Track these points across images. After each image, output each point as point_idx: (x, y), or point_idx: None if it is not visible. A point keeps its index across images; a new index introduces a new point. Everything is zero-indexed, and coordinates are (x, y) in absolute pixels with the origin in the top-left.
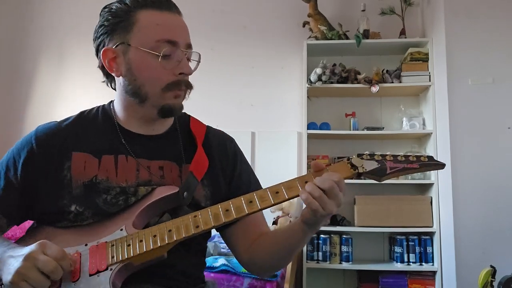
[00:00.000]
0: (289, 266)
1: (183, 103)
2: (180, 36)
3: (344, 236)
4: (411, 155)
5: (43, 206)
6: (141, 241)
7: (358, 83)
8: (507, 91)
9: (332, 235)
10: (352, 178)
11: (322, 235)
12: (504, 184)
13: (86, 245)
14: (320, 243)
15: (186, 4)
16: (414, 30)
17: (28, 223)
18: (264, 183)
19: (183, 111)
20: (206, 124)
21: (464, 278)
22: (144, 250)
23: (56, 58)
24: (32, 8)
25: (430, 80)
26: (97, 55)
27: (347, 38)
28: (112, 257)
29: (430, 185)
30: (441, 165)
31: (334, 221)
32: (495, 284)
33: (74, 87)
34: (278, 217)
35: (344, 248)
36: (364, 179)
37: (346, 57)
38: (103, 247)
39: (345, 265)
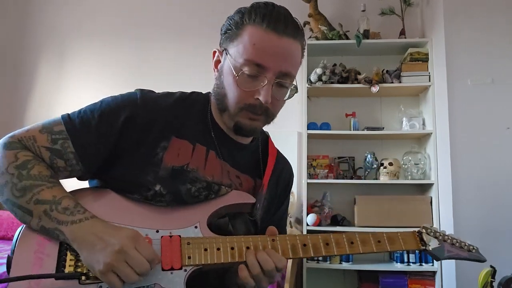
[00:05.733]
0: (289, 266)
1: (263, 128)
2: (272, 62)
3: None
4: (464, 243)
5: (123, 173)
6: (218, 249)
7: (358, 83)
8: (506, 91)
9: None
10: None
11: None
12: (504, 184)
13: (157, 231)
14: None
15: (186, 4)
16: (413, 30)
17: None
18: None
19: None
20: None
21: (464, 278)
22: (222, 261)
23: (57, 58)
24: (33, 8)
25: (429, 80)
26: None
27: (347, 38)
28: (189, 257)
29: (430, 185)
30: (482, 260)
31: (334, 221)
32: (495, 284)
33: (75, 86)
34: None
35: None
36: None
37: (346, 57)
38: (177, 242)
39: (345, 265)
